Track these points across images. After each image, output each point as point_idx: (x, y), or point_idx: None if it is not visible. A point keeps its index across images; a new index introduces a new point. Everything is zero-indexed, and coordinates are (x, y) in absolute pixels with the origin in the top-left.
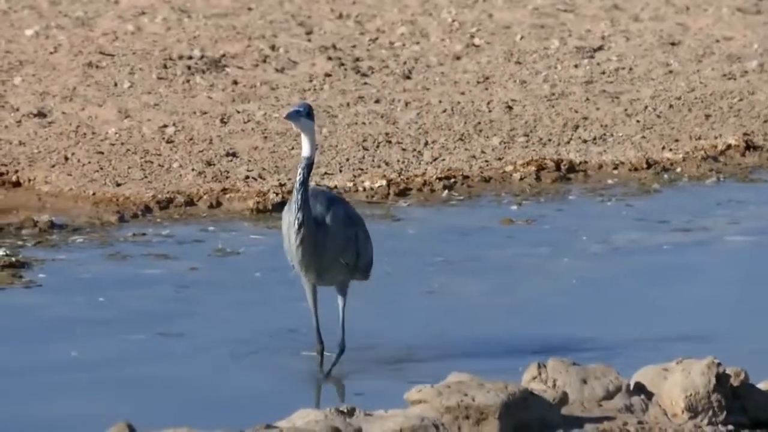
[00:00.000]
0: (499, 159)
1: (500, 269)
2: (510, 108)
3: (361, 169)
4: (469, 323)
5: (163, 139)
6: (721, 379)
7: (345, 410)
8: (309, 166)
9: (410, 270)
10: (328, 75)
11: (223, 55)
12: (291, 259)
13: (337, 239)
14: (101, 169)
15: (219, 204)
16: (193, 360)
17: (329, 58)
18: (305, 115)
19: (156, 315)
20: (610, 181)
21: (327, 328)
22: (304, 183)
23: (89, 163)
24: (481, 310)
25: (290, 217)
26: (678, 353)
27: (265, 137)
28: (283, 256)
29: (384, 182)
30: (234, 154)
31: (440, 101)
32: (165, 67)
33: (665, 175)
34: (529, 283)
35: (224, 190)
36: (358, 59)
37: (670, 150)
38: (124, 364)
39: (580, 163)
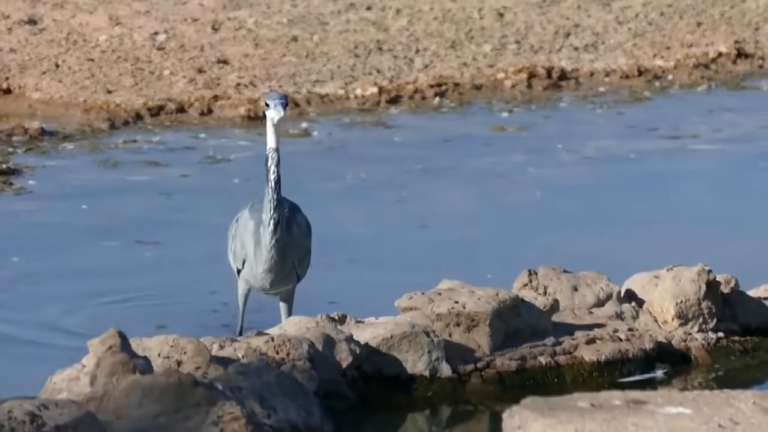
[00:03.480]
0: (491, 66)
1: (477, 177)
2: (501, 15)
3: (353, 77)
4: (436, 231)
5: (154, 46)
6: (712, 286)
7: (336, 317)
8: (278, 160)
9: (386, 177)
10: None
11: None
12: (247, 263)
13: (300, 247)
14: (92, 76)
15: (210, 111)
16: (169, 269)
17: None
18: (285, 106)
19: (137, 222)
20: (601, 89)
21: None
22: (278, 181)
23: (80, 70)
24: (447, 217)
25: (264, 216)
26: (666, 261)
27: (257, 44)
28: None
29: (375, 89)
30: (225, 62)
31: (431, 8)
32: None
33: (656, 83)
34: (508, 191)
35: (215, 98)
36: None
37: (662, 58)
38: (99, 272)
39: (572, 70)
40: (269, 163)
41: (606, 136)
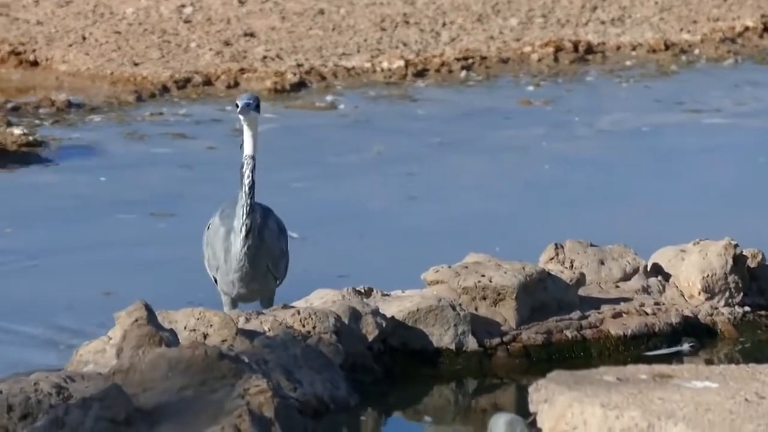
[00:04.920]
0: (517, 40)
1: (494, 150)
2: None
3: (379, 50)
4: (446, 206)
5: (181, 18)
6: (738, 260)
7: (362, 290)
8: (254, 166)
9: (402, 151)
10: None
11: None
12: (219, 271)
13: (273, 251)
14: (119, 48)
15: (237, 84)
16: (175, 241)
17: None
18: (254, 108)
19: (157, 195)
20: (628, 63)
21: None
22: (252, 187)
23: (107, 42)
24: (458, 192)
25: (235, 223)
26: (682, 236)
27: (283, 17)
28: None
29: (402, 63)
30: (252, 35)
31: None
32: None
33: (683, 57)
34: (522, 165)
35: (242, 70)
36: None
37: (688, 32)
38: (106, 244)
39: (598, 44)
40: (244, 168)
41: (631, 109)
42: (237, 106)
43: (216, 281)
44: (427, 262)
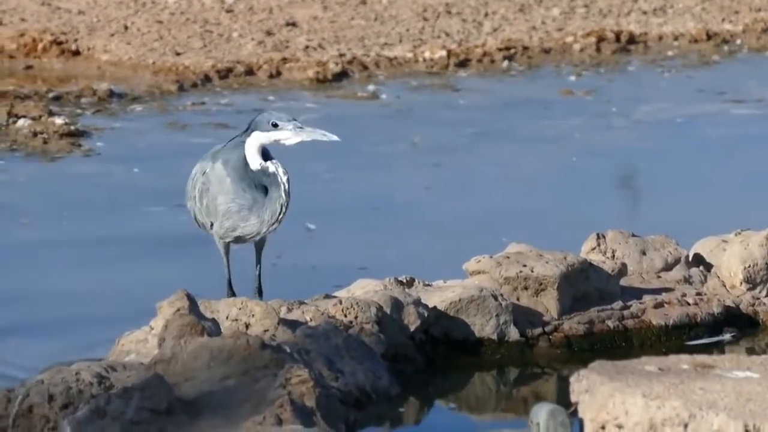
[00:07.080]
0: (560, 30)
1: (530, 141)
2: None
3: (421, 40)
4: (474, 197)
5: (223, 8)
6: None
7: (404, 280)
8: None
9: (436, 141)
10: None
11: None
12: (219, 219)
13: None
14: (161, 38)
15: (279, 74)
16: (187, 235)
17: None
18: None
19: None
20: (670, 53)
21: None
22: (289, 181)
23: (149, 32)
24: (488, 182)
25: (266, 217)
26: (733, 226)
27: (325, 7)
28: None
29: (444, 53)
30: (294, 24)
31: None
32: None
33: (725, 47)
34: (556, 155)
35: (284, 60)
36: None
37: (730, 22)
38: (134, 238)
39: (640, 34)
40: (271, 170)
41: (673, 99)
42: (276, 126)
43: (199, 224)
44: (457, 253)
